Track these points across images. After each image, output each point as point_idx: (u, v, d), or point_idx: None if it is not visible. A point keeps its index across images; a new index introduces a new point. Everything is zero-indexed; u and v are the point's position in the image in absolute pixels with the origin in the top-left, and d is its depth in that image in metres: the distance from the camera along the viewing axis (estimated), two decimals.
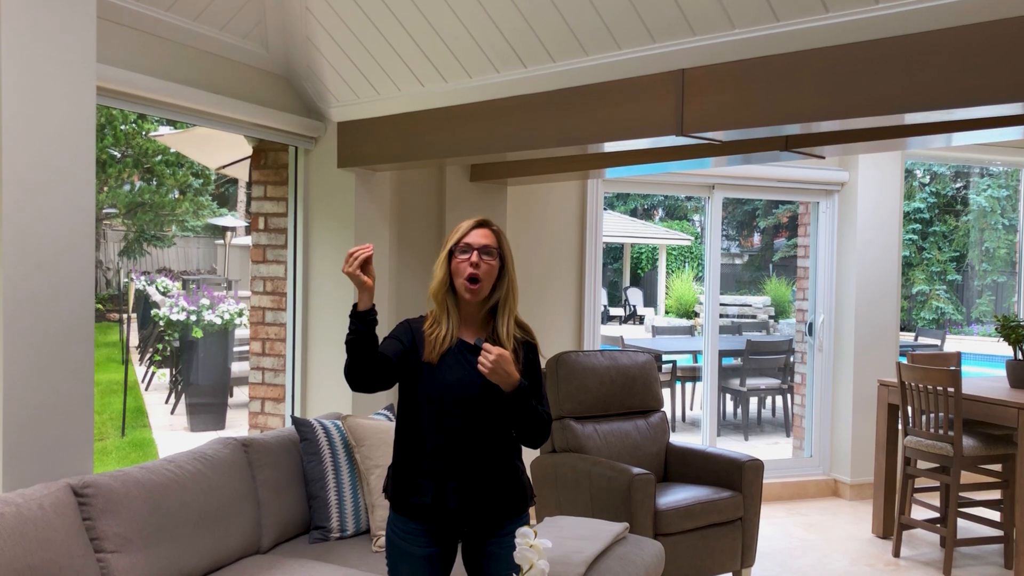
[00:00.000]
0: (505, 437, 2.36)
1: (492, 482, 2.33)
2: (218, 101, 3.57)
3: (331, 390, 4.21)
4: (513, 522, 2.37)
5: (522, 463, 2.45)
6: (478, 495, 2.31)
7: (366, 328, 2.20)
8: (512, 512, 2.39)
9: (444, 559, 2.39)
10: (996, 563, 4.73)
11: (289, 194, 4.30)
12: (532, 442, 2.33)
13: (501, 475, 2.35)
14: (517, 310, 2.39)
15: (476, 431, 2.30)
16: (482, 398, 2.29)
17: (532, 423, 2.28)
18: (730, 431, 8.24)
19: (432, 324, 2.35)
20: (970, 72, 2.41)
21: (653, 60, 3.07)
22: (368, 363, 2.22)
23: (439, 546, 2.36)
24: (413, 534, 2.34)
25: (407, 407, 2.36)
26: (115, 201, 16.74)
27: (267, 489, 3.10)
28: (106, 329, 13.99)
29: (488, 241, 2.32)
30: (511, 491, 2.38)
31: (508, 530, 2.35)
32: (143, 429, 7.85)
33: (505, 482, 2.36)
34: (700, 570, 3.96)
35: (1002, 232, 16.92)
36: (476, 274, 2.28)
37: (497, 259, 2.33)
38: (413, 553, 2.34)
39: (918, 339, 10.80)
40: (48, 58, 2.61)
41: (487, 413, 2.30)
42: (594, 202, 5.47)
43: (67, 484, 2.44)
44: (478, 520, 2.35)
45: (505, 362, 2.16)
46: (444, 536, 2.37)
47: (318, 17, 3.70)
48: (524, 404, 2.24)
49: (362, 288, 2.20)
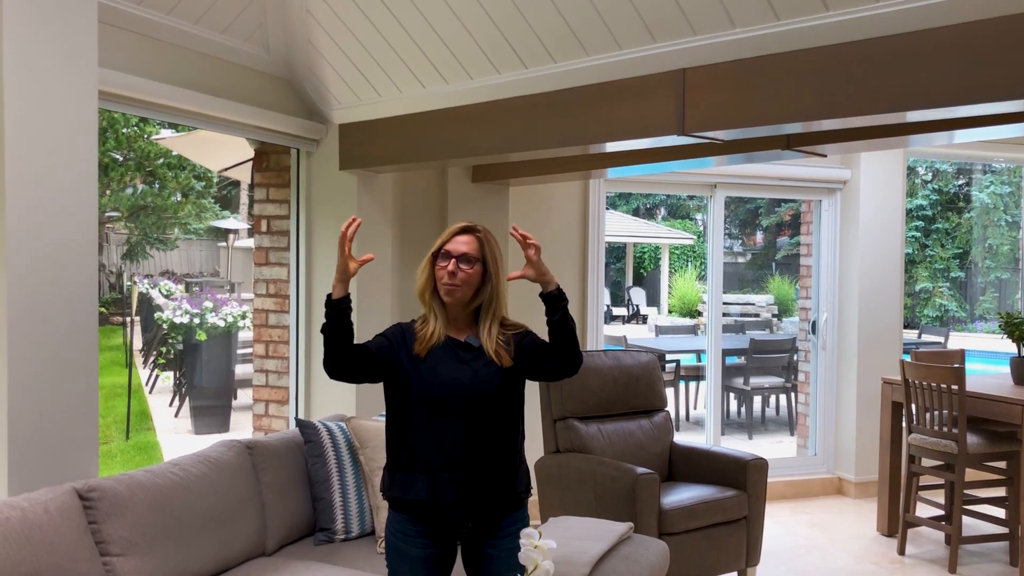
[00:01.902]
0: (497, 430, 2.36)
1: (486, 474, 2.33)
2: (220, 104, 3.57)
3: (335, 392, 4.22)
4: (511, 520, 2.38)
5: (520, 458, 2.44)
6: (473, 486, 2.31)
7: (336, 315, 2.27)
8: (509, 507, 2.39)
9: (443, 561, 2.40)
10: (1002, 560, 4.72)
11: (291, 196, 4.30)
12: (570, 360, 2.34)
13: (495, 467, 2.35)
14: (505, 312, 2.41)
15: (468, 424, 2.31)
16: (480, 395, 2.31)
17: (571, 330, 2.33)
18: (734, 430, 8.24)
19: (422, 322, 2.41)
20: (971, 69, 2.41)
21: (654, 60, 3.07)
22: (341, 350, 2.29)
23: (438, 547, 2.37)
24: (412, 535, 2.35)
25: (396, 405, 2.38)
26: (118, 204, 16.76)
27: (272, 491, 3.11)
28: (110, 333, 14.02)
29: (467, 249, 2.34)
30: (506, 483, 2.37)
31: (507, 531, 2.35)
32: (147, 432, 7.86)
33: (499, 474, 2.36)
34: (705, 569, 3.96)
35: (1005, 228, 16.90)
36: (451, 284, 2.32)
37: (478, 266, 2.34)
38: (412, 555, 2.35)
39: (922, 336, 10.79)
40: (50, 63, 2.61)
41: (484, 408, 2.32)
42: (596, 202, 5.47)
43: (72, 488, 2.45)
44: (475, 513, 2.35)
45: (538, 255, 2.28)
46: (443, 537, 2.37)
47: (319, 19, 3.70)
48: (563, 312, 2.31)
49: (344, 272, 2.28)
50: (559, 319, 2.31)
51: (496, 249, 2.40)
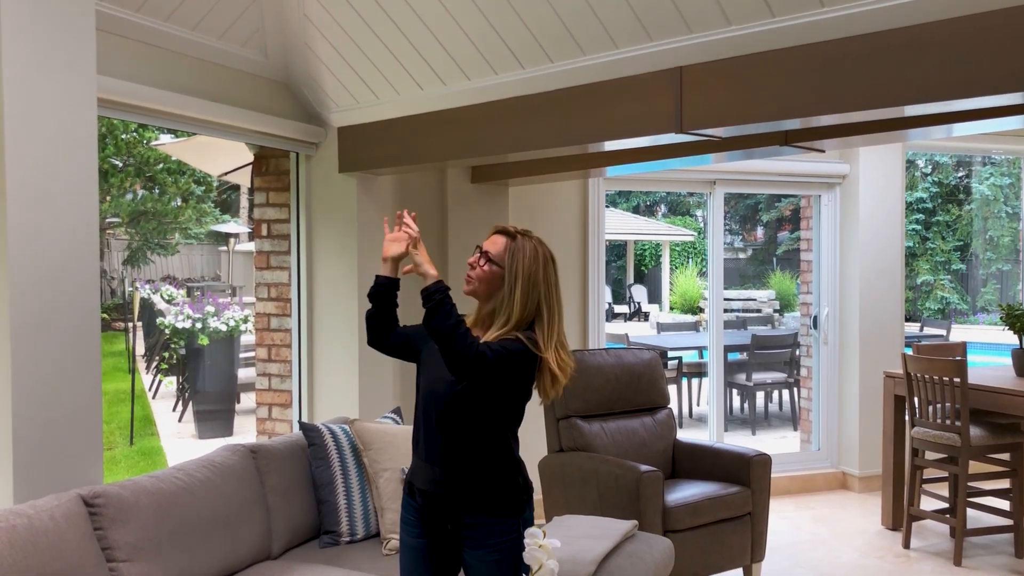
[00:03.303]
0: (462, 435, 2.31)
1: (468, 473, 2.31)
2: (218, 109, 3.58)
3: (338, 395, 4.22)
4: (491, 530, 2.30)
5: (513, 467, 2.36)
6: (448, 484, 2.32)
7: (375, 287, 2.45)
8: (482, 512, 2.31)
9: (433, 553, 2.40)
10: (1007, 552, 4.72)
11: (291, 200, 4.31)
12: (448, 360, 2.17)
13: (478, 468, 2.31)
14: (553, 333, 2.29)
15: (437, 424, 2.34)
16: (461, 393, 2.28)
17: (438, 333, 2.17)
18: (737, 426, 8.24)
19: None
20: (968, 63, 2.41)
21: (651, 58, 3.08)
22: (373, 320, 2.47)
23: (425, 538, 2.40)
24: (409, 524, 2.43)
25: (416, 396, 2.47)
26: (118, 210, 16.76)
27: (276, 495, 3.11)
28: (112, 338, 14.01)
29: (491, 248, 2.34)
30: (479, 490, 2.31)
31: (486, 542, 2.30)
32: (151, 437, 7.87)
33: (471, 479, 2.31)
34: (710, 566, 3.96)
35: (1005, 220, 16.89)
36: (468, 275, 2.37)
37: (495, 268, 2.31)
38: (407, 542, 2.44)
39: (923, 329, 10.79)
40: (49, 71, 2.62)
41: (441, 409, 2.33)
42: (596, 200, 5.48)
43: (77, 495, 2.46)
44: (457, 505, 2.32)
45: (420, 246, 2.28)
46: (430, 528, 2.39)
47: (316, 23, 3.70)
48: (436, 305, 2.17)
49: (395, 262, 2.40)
50: (425, 316, 2.19)
51: (523, 260, 2.29)
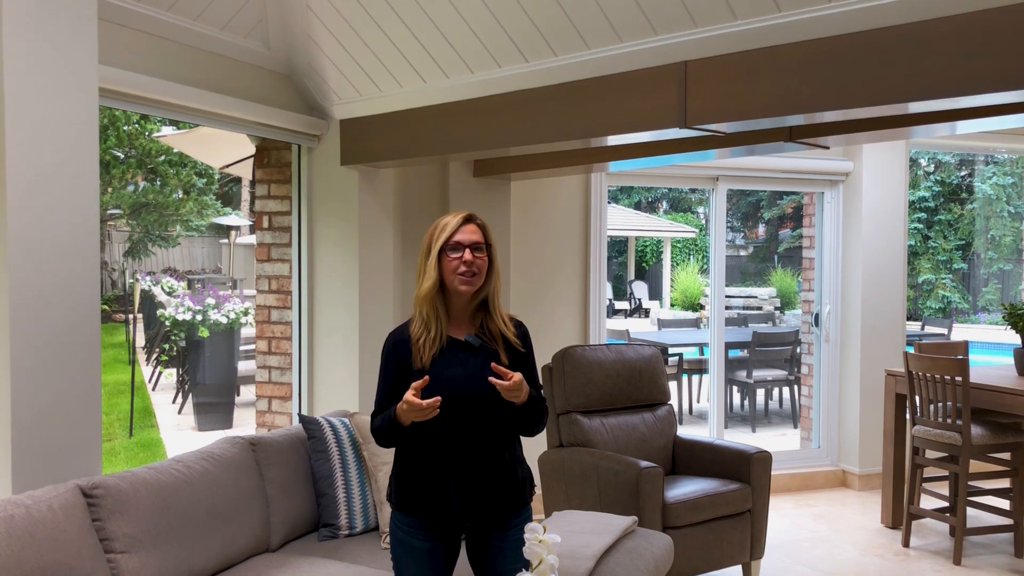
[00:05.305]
0: (503, 433, 2.36)
1: (492, 480, 2.33)
2: (220, 100, 3.57)
3: (337, 388, 4.22)
4: (517, 515, 2.38)
5: (522, 456, 2.45)
6: (479, 494, 2.32)
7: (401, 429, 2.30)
8: (514, 507, 2.39)
9: (447, 553, 2.40)
10: (1006, 551, 4.72)
11: (293, 192, 4.30)
12: (533, 433, 2.41)
13: (501, 472, 2.35)
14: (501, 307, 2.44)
15: (474, 430, 2.31)
16: (481, 396, 2.29)
17: (536, 419, 2.38)
18: (737, 423, 8.23)
19: (420, 327, 2.34)
20: (973, 60, 2.40)
21: (655, 52, 3.06)
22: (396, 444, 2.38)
23: (441, 540, 2.37)
24: (416, 527, 2.36)
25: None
26: (119, 202, 16.77)
27: (275, 488, 3.11)
28: (112, 330, 14.02)
29: (477, 237, 2.33)
30: (511, 487, 2.38)
31: (512, 523, 2.36)
32: (151, 429, 7.88)
33: (505, 478, 2.36)
34: (709, 563, 3.96)
35: (1008, 220, 16.87)
36: (471, 271, 2.29)
37: (486, 254, 2.35)
38: (416, 547, 2.35)
39: (925, 328, 10.79)
40: (50, 61, 2.61)
41: (485, 411, 2.31)
42: (598, 195, 5.46)
43: (76, 485, 2.45)
44: (479, 517, 2.36)
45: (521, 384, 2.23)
46: (446, 531, 2.37)
47: (319, 14, 3.69)
48: (533, 408, 2.34)
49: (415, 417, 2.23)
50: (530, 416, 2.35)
51: (492, 235, 2.42)
